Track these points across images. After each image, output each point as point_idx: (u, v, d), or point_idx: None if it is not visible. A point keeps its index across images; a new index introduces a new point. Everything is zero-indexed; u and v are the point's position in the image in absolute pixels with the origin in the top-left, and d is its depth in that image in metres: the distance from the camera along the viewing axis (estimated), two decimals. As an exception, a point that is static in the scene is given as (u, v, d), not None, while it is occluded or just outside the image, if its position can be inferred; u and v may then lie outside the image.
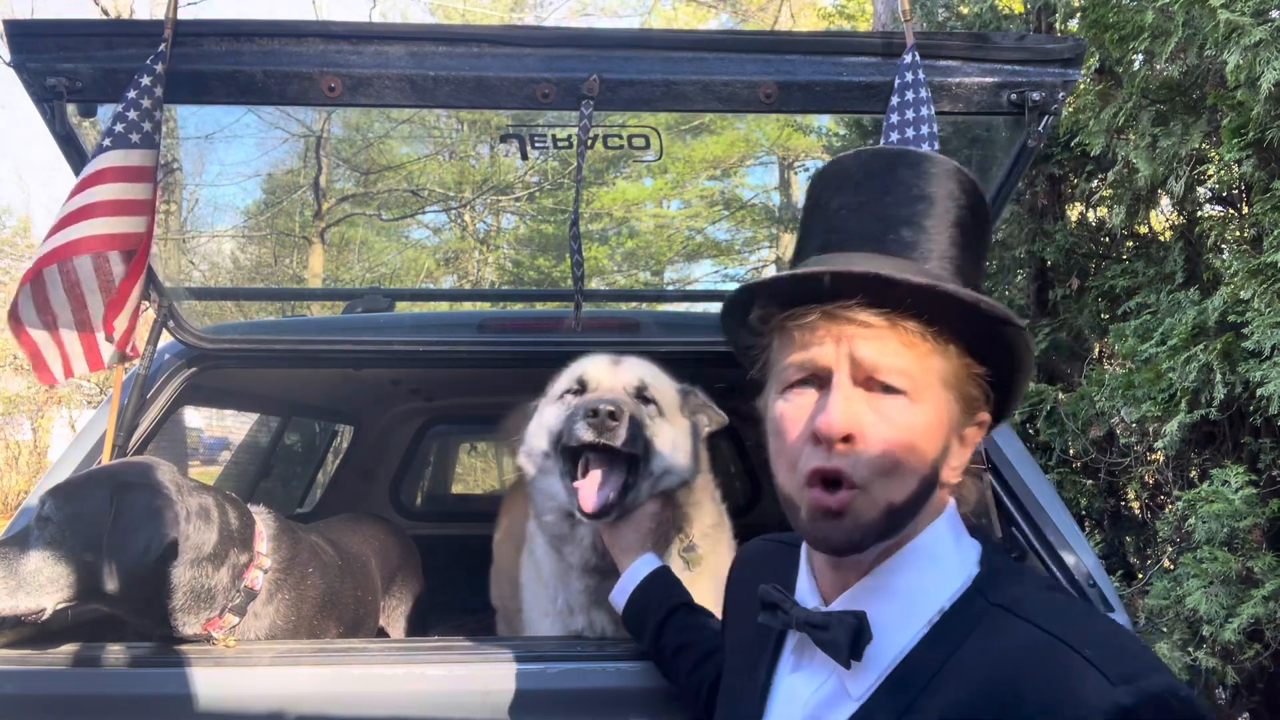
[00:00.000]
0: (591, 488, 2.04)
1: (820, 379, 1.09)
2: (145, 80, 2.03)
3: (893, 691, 1.06)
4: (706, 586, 2.13)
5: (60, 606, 2.00)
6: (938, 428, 1.09)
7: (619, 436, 2.01)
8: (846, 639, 1.07)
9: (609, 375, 2.20)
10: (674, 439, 2.19)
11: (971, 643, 1.04)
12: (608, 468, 2.07)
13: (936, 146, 2.05)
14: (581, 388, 2.20)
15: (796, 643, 1.19)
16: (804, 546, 1.24)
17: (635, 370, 2.22)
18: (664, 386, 2.25)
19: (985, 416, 1.17)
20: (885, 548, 1.11)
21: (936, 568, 1.12)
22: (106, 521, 1.99)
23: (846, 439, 1.05)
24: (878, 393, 1.07)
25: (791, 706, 1.15)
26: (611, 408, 2.00)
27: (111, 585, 1.96)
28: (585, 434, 2.02)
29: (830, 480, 1.07)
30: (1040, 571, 2.26)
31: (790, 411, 1.11)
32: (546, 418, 2.22)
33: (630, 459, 2.09)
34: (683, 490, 2.22)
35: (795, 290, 1.11)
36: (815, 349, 1.09)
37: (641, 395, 2.18)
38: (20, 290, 2.16)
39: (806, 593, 1.20)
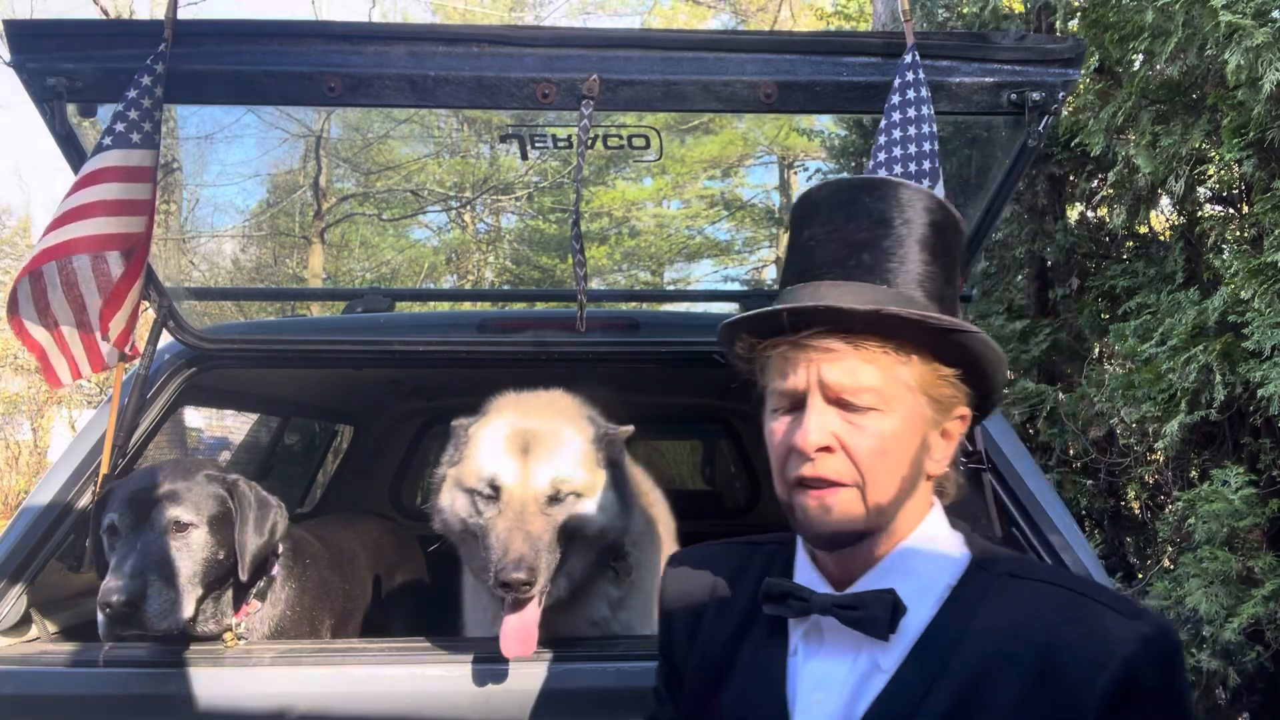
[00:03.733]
0: (509, 635, 1.96)
1: (798, 400, 1.22)
2: (146, 80, 2.03)
3: (921, 660, 1.18)
4: (639, 600, 2.24)
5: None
6: (912, 430, 1.22)
7: (530, 590, 1.96)
8: (885, 614, 1.17)
9: (520, 484, 2.07)
10: (600, 502, 2.14)
11: (986, 608, 1.19)
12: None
13: (936, 146, 2.05)
14: (495, 493, 2.09)
15: (807, 629, 1.26)
16: (799, 542, 1.33)
17: (546, 472, 2.09)
18: (576, 469, 2.13)
19: (965, 411, 1.28)
20: (893, 537, 1.24)
21: (939, 551, 1.25)
22: (238, 516, 2.13)
23: (826, 449, 1.18)
24: (850, 409, 1.19)
25: (827, 688, 1.22)
26: (524, 577, 1.92)
27: (243, 575, 2.12)
28: (501, 592, 1.98)
29: (815, 483, 1.19)
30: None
31: (779, 429, 1.25)
32: (459, 505, 2.14)
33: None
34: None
35: (764, 325, 1.24)
36: (791, 376, 1.22)
37: (554, 499, 2.09)
38: (17, 286, 2.15)
39: (813, 582, 1.28)
